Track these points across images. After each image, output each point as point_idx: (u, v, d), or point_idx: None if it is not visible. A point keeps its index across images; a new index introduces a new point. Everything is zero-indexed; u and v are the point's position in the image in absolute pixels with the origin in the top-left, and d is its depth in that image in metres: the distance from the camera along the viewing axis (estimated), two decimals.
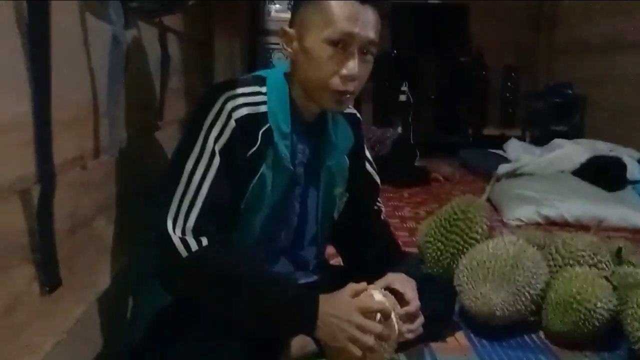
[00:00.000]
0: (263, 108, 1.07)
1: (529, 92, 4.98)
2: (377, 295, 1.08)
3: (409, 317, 1.13)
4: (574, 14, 4.71)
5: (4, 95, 0.63)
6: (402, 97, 4.29)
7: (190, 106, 1.74)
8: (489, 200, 2.72)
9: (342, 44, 1.03)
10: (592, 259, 1.49)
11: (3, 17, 0.63)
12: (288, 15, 4.13)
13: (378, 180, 1.35)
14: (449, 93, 4.70)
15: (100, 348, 0.93)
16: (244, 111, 1.05)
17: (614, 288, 1.40)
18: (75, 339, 0.81)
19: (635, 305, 1.26)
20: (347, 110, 1.25)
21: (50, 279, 0.72)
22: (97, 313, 0.92)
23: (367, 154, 1.34)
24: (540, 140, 4.08)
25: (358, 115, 1.30)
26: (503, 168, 3.25)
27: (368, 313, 1.02)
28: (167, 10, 1.19)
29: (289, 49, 1.10)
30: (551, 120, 4.34)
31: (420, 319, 1.15)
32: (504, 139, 4.19)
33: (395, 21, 4.59)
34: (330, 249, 1.39)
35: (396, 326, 1.08)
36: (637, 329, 1.24)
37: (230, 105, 1.04)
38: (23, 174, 0.67)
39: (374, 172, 1.34)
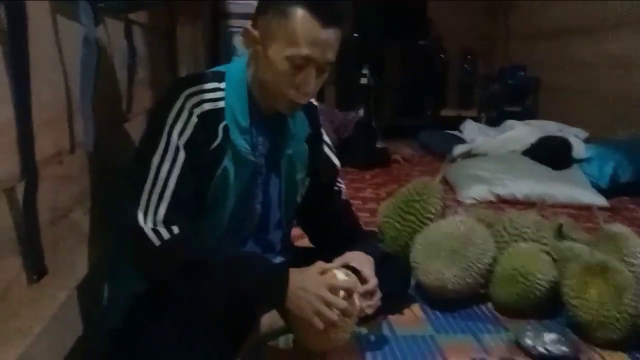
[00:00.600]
0: (222, 104, 1.12)
1: (486, 75, 5.14)
2: (340, 274, 1.15)
3: (368, 294, 1.19)
4: None
5: None
6: (364, 81, 4.35)
7: (156, 96, 1.78)
8: (445, 180, 2.85)
9: (302, 63, 1.08)
10: (535, 235, 1.62)
11: None
12: None
13: (337, 163, 1.40)
14: (409, 76, 4.82)
15: (82, 332, 0.99)
16: (205, 107, 1.10)
17: (555, 261, 1.53)
18: (59, 323, 0.87)
19: (572, 277, 1.39)
20: None
21: (37, 268, 0.78)
22: (78, 298, 0.98)
23: (326, 138, 1.39)
24: (496, 121, 4.24)
25: (315, 102, 1.34)
26: (458, 149, 3.38)
27: (334, 290, 1.10)
28: (134, 9, 1.23)
29: (250, 49, 1.14)
30: (506, 101, 4.50)
31: (378, 295, 1.21)
32: (461, 120, 4.33)
33: (357, 6, 4.65)
34: (296, 231, 1.46)
35: (357, 302, 1.15)
36: (572, 297, 1.37)
37: (191, 101, 1.09)
38: (9, 172, 0.73)
39: (332, 154, 1.40)
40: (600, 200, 2.68)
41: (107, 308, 1.14)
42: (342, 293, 1.12)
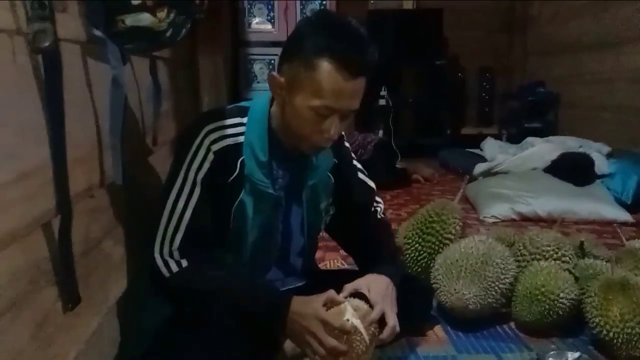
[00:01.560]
0: (241, 139, 1.16)
1: (504, 91, 5.14)
2: (350, 307, 1.12)
3: (376, 321, 1.14)
4: (544, 16, 4.88)
5: (29, 144, 0.74)
6: (382, 102, 4.41)
7: (179, 127, 1.85)
8: (466, 198, 2.86)
9: (327, 113, 1.09)
10: (557, 253, 1.62)
11: (23, 73, 0.74)
12: (268, 26, 4.17)
13: (372, 185, 1.43)
14: (427, 96, 4.85)
15: (114, 356, 1.03)
16: (222, 143, 1.14)
17: (576, 279, 1.53)
18: (92, 348, 0.92)
19: (593, 295, 1.39)
20: None
21: (71, 297, 0.83)
22: (109, 325, 1.03)
23: (357, 163, 1.42)
24: (516, 137, 4.24)
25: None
26: (479, 167, 3.39)
27: (328, 326, 1.07)
28: (158, 48, 1.29)
29: (276, 94, 1.16)
30: (526, 118, 4.50)
31: (392, 322, 1.16)
32: (482, 137, 4.33)
33: (372, 27, 4.73)
34: (320, 253, 1.49)
35: (366, 337, 1.10)
36: (595, 316, 1.37)
37: (209, 138, 1.14)
38: (45, 208, 0.78)
39: (366, 178, 1.42)
40: (624, 216, 2.65)
41: (138, 333, 1.19)
42: (350, 322, 1.09)
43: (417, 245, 1.70)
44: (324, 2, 4.16)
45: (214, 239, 1.16)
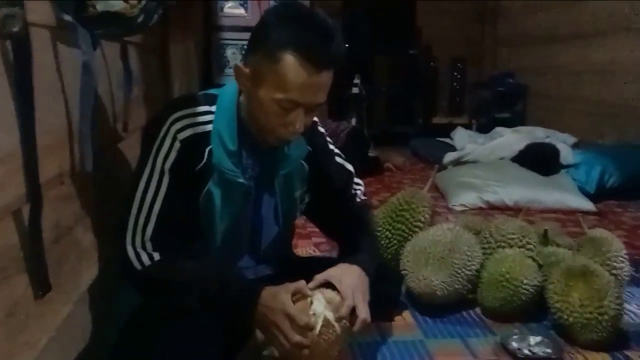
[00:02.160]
0: (209, 127, 1.14)
1: (475, 82, 5.22)
2: (318, 300, 1.12)
3: (348, 313, 1.15)
4: (515, 7, 4.96)
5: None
6: (355, 90, 4.42)
7: (150, 113, 1.83)
8: (435, 187, 2.91)
9: (291, 107, 1.08)
10: (521, 241, 1.67)
11: None
12: (240, 11, 4.13)
13: (350, 168, 1.44)
14: (399, 85, 4.90)
15: (84, 345, 1.03)
16: (189, 132, 1.12)
17: (540, 266, 1.59)
18: (64, 336, 0.92)
19: (555, 281, 1.45)
20: None
21: (42, 284, 0.83)
22: (80, 312, 1.02)
23: (333, 147, 1.42)
24: (486, 127, 4.32)
25: (314, 118, 1.33)
26: (449, 157, 3.45)
27: (292, 319, 1.07)
28: (130, 33, 1.28)
29: (241, 84, 1.15)
30: (495, 108, 4.59)
31: (364, 315, 1.16)
32: (452, 127, 4.40)
33: (346, 16, 4.74)
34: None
35: (337, 329, 1.12)
36: (556, 301, 1.42)
37: (175, 127, 1.12)
38: (16, 196, 0.78)
39: (344, 162, 1.43)
40: (587, 205, 2.74)
41: (109, 320, 1.19)
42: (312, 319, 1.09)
43: (387, 232, 1.73)
44: None
45: (186, 228, 1.15)
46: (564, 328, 1.41)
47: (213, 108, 1.17)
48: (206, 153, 1.13)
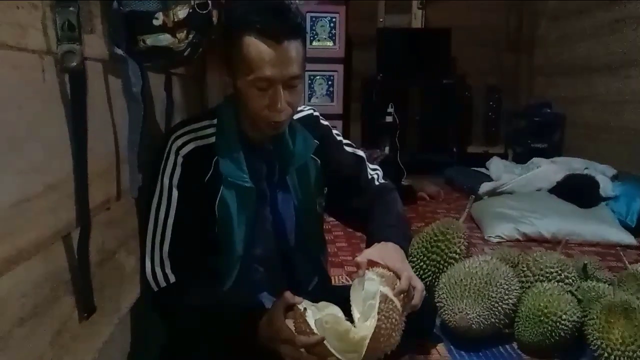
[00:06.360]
0: (213, 139, 1.20)
1: (511, 111, 5.17)
2: (370, 280, 1.10)
3: (404, 292, 1.13)
4: (551, 37, 4.92)
5: (55, 158, 0.77)
6: (389, 119, 4.43)
7: None
8: (471, 217, 2.87)
9: (266, 85, 1.12)
10: (560, 274, 1.63)
11: (51, 91, 0.77)
12: None
13: (361, 154, 1.44)
14: (433, 114, 4.88)
15: None
16: (190, 147, 1.18)
17: (579, 301, 1.55)
18: (104, 357, 0.95)
19: (595, 317, 1.41)
20: (302, 114, 1.34)
21: (87, 306, 0.86)
22: (120, 334, 1.05)
23: (341, 138, 1.42)
24: (522, 157, 4.26)
25: (315, 113, 1.38)
26: (484, 187, 3.40)
27: (282, 333, 1.03)
28: (176, 66, 1.33)
29: (228, 86, 1.22)
30: (532, 138, 4.52)
31: (420, 288, 1.16)
32: (488, 156, 4.35)
33: (380, 46, 4.79)
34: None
35: (398, 305, 1.09)
36: (597, 338, 1.38)
37: (176, 144, 1.18)
38: (66, 221, 0.81)
39: (354, 149, 1.43)
40: (628, 239, 2.66)
41: (146, 345, 1.21)
42: (313, 327, 1.03)
43: (421, 263, 1.72)
44: (334, 19, 4.22)
45: (203, 239, 1.18)
46: None
47: (214, 121, 1.23)
48: (213, 164, 1.18)
